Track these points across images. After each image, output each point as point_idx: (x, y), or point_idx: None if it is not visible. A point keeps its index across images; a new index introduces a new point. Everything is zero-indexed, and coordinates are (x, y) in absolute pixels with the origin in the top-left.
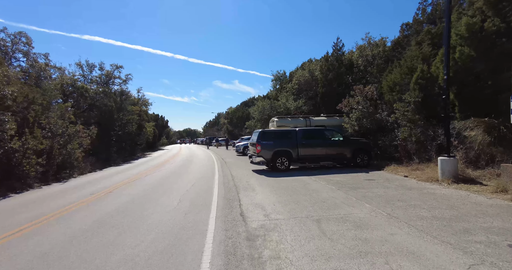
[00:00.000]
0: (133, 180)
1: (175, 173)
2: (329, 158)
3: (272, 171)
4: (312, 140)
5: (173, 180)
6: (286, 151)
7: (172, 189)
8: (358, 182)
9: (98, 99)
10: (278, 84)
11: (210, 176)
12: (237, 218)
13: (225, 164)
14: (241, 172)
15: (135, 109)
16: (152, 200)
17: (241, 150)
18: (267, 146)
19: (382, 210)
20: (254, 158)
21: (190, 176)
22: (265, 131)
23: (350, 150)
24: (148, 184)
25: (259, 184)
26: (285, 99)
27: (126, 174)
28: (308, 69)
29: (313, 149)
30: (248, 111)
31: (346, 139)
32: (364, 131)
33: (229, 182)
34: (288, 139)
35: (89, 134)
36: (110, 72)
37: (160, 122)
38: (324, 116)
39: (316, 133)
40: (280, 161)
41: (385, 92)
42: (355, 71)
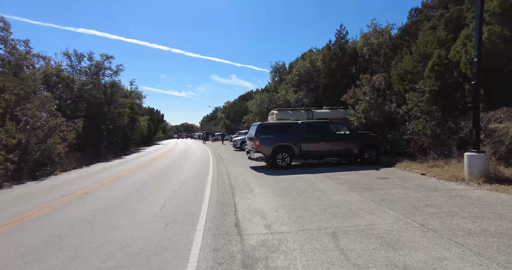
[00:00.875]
0: (117, 178)
1: (165, 170)
2: (335, 154)
3: (272, 168)
4: (316, 134)
5: (161, 179)
6: (287, 146)
7: (158, 190)
8: (370, 181)
9: (87, 90)
10: (277, 76)
11: (203, 174)
12: (231, 230)
13: (221, 161)
14: (238, 170)
15: (126, 101)
16: (130, 205)
17: (239, 145)
18: (267, 141)
19: (411, 219)
20: (252, 154)
21: (181, 174)
22: (264, 124)
23: (358, 145)
24: (132, 184)
25: (258, 184)
26: (284, 91)
27: (112, 171)
28: (309, 59)
29: (317, 144)
30: (246, 105)
31: (353, 133)
32: (372, 124)
33: (224, 182)
34: (290, 133)
35: (74, 127)
36: (99, 62)
37: (155, 116)
38: (327, 108)
39: (321, 127)
40: (281, 157)
41: (395, 82)
42: (360, 60)
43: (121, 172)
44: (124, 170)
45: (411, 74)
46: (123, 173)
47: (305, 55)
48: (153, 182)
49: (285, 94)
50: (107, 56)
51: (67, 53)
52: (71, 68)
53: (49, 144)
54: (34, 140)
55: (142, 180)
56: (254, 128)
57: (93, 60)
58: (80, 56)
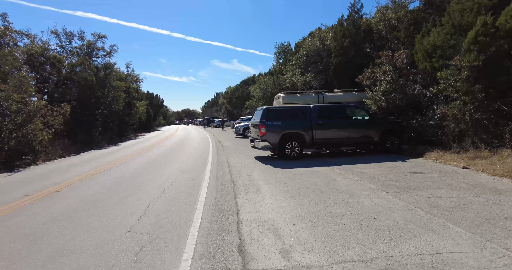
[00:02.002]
0: (103, 170)
1: (159, 160)
2: (352, 142)
3: (279, 159)
4: (330, 120)
5: (151, 171)
6: (297, 133)
7: (144, 188)
8: (402, 176)
9: (77, 72)
10: (282, 57)
11: (201, 166)
12: (233, 260)
13: (221, 149)
14: (241, 160)
15: (121, 85)
16: (102, 211)
17: (241, 131)
18: (274, 128)
19: (499, 245)
20: (256, 143)
21: (176, 165)
22: (270, 108)
23: (378, 131)
24: (115, 178)
25: (265, 180)
26: (291, 73)
27: (101, 161)
28: (318, 37)
29: (331, 131)
30: (248, 90)
31: (373, 118)
32: (392, 108)
33: (224, 176)
34: (300, 118)
35: (61, 112)
36: (91, 42)
37: (155, 101)
38: (340, 91)
39: (336, 111)
40: (290, 147)
41: (420, 60)
42: (376, 37)
43: (109, 162)
44: (114, 160)
45: (442, 49)
46: (111, 164)
47: (313, 33)
48: (141, 175)
49: (292, 76)
50: (99, 35)
51: (55, 31)
52: (61, 48)
53: (29, 131)
54: (9, 126)
55: (130, 173)
56: (258, 114)
57: (85, 40)
58: (70, 35)
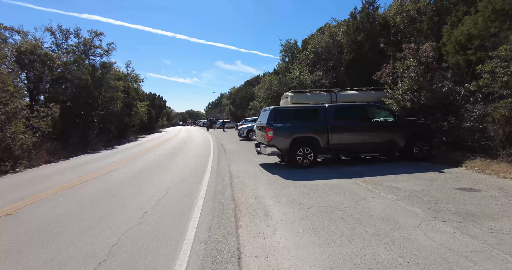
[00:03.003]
0: (85, 180)
1: (152, 167)
2: (374, 148)
3: (289, 168)
4: (349, 122)
5: (139, 183)
6: (310, 138)
7: (122, 208)
8: (450, 195)
9: (71, 70)
10: (288, 55)
11: (198, 176)
12: None
13: (223, 153)
14: (245, 168)
15: (119, 84)
16: (52, 249)
17: (245, 134)
18: (283, 131)
19: None
20: (263, 149)
21: (169, 174)
22: (279, 108)
23: (404, 135)
24: (95, 191)
25: (275, 198)
26: (298, 72)
27: (88, 167)
28: (328, 31)
29: (350, 134)
30: (252, 91)
31: (399, 119)
32: (418, 108)
33: (224, 192)
34: (314, 120)
35: (49, 113)
36: (88, 40)
37: (157, 102)
38: (355, 89)
39: (355, 111)
40: (301, 153)
41: (450, 52)
42: (392, 31)
43: (97, 169)
44: (104, 166)
45: (480, 38)
46: (99, 171)
47: (322, 29)
48: (127, 188)
49: (299, 74)
50: (96, 32)
51: (50, 28)
52: (56, 46)
53: (7, 134)
54: None
55: (115, 183)
56: (265, 115)
57: (81, 37)
58: (66, 32)
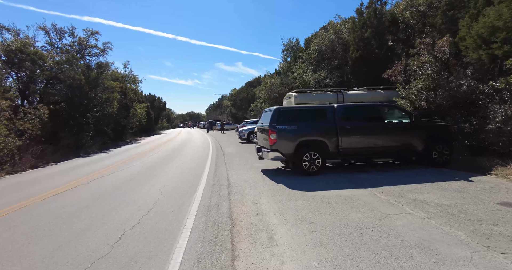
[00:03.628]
0: (64, 189)
1: (143, 174)
2: (388, 152)
3: (294, 174)
4: (360, 123)
5: (123, 194)
6: (318, 141)
7: (93, 231)
8: (494, 212)
9: (64, 70)
10: (290, 55)
11: (192, 185)
12: None
13: (222, 157)
14: (245, 175)
15: (115, 85)
16: None
17: (245, 136)
18: (287, 134)
19: None
20: (265, 153)
21: (159, 183)
22: (283, 108)
23: (422, 138)
24: (70, 206)
25: (281, 214)
26: (301, 71)
27: (74, 173)
28: (333, 29)
29: (362, 137)
30: (253, 92)
31: (416, 121)
32: (435, 108)
33: (220, 206)
34: (322, 121)
35: (37, 114)
36: (83, 39)
37: (156, 104)
38: (363, 89)
39: (367, 112)
40: (308, 159)
41: (470, 47)
42: (402, 27)
43: (83, 176)
44: (90, 173)
45: (507, 31)
46: (84, 178)
47: (327, 26)
48: (108, 200)
49: (302, 74)
50: (92, 31)
51: (44, 27)
52: (50, 45)
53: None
54: None
55: (96, 195)
56: (267, 116)
57: (76, 37)
58: (61, 31)
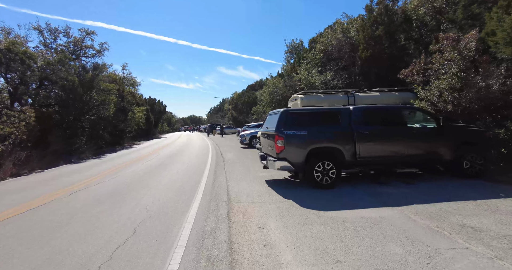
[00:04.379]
0: (35, 205)
1: (129, 186)
2: (412, 161)
3: (304, 186)
4: (380, 128)
5: (101, 212)
6: (332, 149)
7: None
8: None
9: (56, 71)
10: (294, 57)
11: (184, 200)
12: None
13: (221, 164)
14: (247, 188)
15: (111, 87)
16: None
17: (247, 140)
18: (297, 140)
19: None
20: (270, 163)
21: (146, 198)
22: (291, 111)
23: (451, 146)
24: (27, 231)
25: (296, 249)
26: (306, 72)
27: (57, 183)
28: (340, 28)
29: (382, 144)
30: (254, 95)
31: (444, 125)
32: (462, 111)
33: (216, 232)
34: (335, 126)
35: (22, 118)
36: (79, 39)
37: (156, 107)
38: (375, 90)
39: (388, 115)
40: (321, 169)
41: (501, 43)
42: (416, 24)
43: (64, 187)
44: (75, 182)
45: None
46: (64, 190)
47: (332, 26)
48: (74, 226)
49: (307, 75)
50: (88, 31)
51: (38, 27)
52: (44, 46)
53: None
54: None
55: (63, 217)
56: (273, 119)
57: (71, 37)
58: (55, 31)
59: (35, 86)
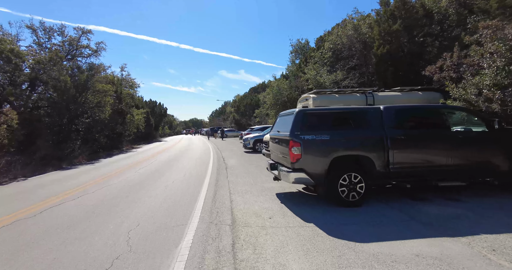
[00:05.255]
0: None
1: (113, 202)
2: (459, 173)
3: (323, 201)
4: (419, 132)
5: (65, 243)
6: (360, 157)
7: None
8: None
9: (47, 70)
10: (299, 57)
11: (177, 223)
12: None
13: (224, 173)
14: (255, 205)
15: (107, 88)
16: None
17: (251, 144)
18: (317, 147)
19: None
20: (283, 174)
21: (131, 219)
22: (310, 111)
23: (507, 154)
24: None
25: None
26: (314, 72)
27: (33, 196)
28: (351, 24)
29: (421, 151)
30: (257, 98)
31: (497, 129)
32: (505, 114)
33: None
34: (363, 129)
35: (3, 121)
36: (74, 38)
37: (157, 110)
38: (397, 89)
39: (427, 116)
40: (347, 182)
41: None
42: (438, 18)
43: (39, 200)
44: (55, 194)
45: None
46: (31, 208)
47: (340, 24)
48: (23, 265)
49: (316, 75)
50: (83, 30)
51: (31, 26)
52: (38, 45)
53: None
54: None
55: (12, 248)
56: (286, 121)
57: (66, 36)
58: (50, 30)
59: (24, 87)
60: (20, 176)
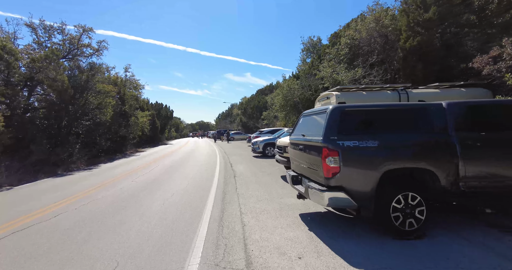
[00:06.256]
0: None
1: (94, 226)
2: None
3: (368, 230)
4: (496, 135)
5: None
6: (419, 170)
7: None
8: None
9: (43, 69)
10: (311, 55)
11: (171, 261)
12: None
13: (232, 181)
14: (275, 233)
15: (109, 88)
16: None
17: (260, 149)
18: (361, 156)
19: None
20: (313, 193)
21: (109, 254)
22: (349, 108)
23: None
24: None
25: None
26: (330, 69)
27: (12, 210)
28: (372, 16)
29: (503, 161)
30: (265, 100)
31: None
32: None
33: None
34: (420, 132)
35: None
36: (75, 37)
37: (163, 112)
38: (434, 86)
39: (503, 114)
40: (402, 205)
41: None
42: (479, 3)
43: (12, 219)
44: (34, 210)
45: None
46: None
47: (358, 18)
48: None
49: (332, 72)
50: (85, 27)
51: (31, 24)
52: (38, 44)
53: None
54: None
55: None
56: (315, 121)
57: (66, 34)
58: (50, 28)
59: (19, 87)
60: (5, 185)
